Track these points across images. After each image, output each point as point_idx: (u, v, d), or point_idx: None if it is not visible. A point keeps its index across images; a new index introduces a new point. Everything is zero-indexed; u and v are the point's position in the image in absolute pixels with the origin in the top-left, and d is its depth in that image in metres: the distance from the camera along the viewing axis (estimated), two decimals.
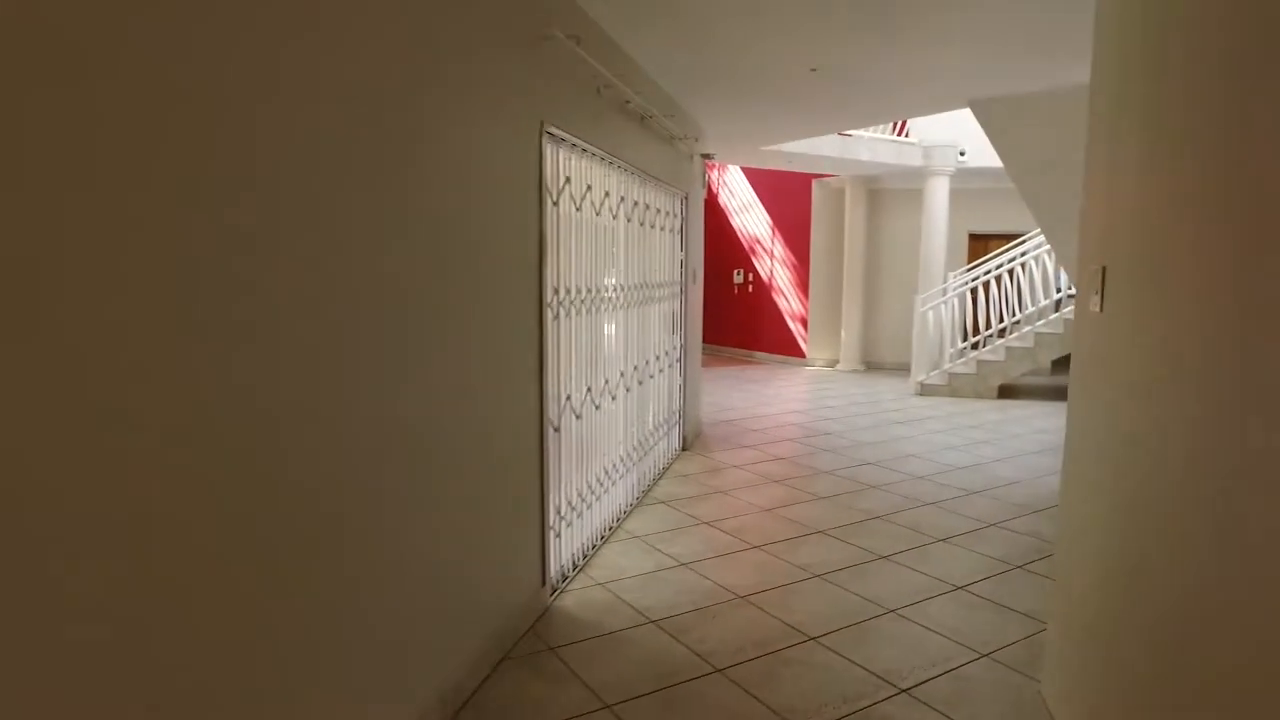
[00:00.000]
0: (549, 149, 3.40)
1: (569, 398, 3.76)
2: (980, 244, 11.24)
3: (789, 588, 3.76)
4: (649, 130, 5.01)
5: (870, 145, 9.52)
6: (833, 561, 4.07)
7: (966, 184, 10.43)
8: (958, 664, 3.04)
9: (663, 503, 5.06)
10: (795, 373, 11.45)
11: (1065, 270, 8.23)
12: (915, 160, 9.87)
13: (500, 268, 2.92)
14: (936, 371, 9.29)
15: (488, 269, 2.80)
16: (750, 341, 13.15)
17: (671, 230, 5.96)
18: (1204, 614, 1.56)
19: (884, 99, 6.19)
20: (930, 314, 9.20)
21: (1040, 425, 7.66)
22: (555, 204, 3.51)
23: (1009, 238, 10.95)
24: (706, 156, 6.66)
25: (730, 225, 13.43)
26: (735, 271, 13.32)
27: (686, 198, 6.30)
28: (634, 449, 5.00)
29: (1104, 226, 2.24)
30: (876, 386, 9.99)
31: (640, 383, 5.11)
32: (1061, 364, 10.08)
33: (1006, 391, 9.21)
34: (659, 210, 5.50)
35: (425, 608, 2.45)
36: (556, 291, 3.55)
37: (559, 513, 3.70)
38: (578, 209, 3.81)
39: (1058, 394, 9.45)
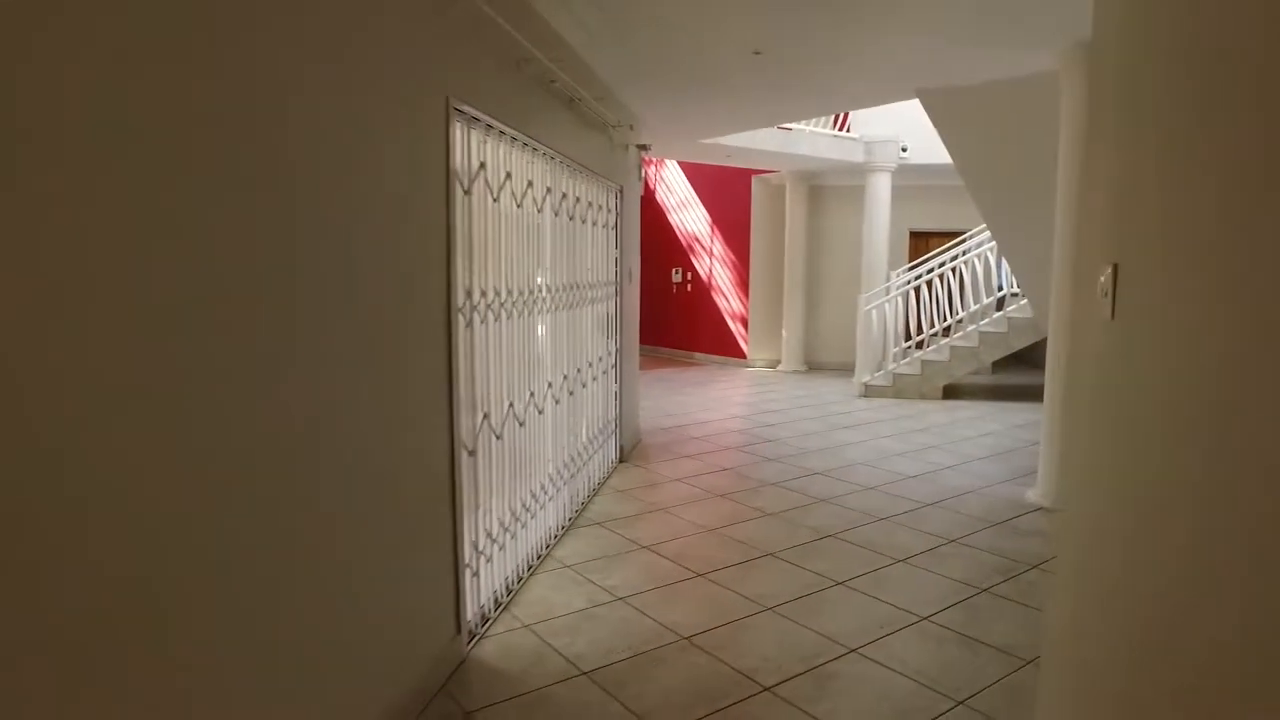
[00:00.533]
0: (458, 129, 2.93)
1: (487, 415, 3.29)
2: (921, 242, 11.07)
3: (739, 624, 3.35)
4: (578, 115, 4.56)
5: (811, 139, 9.22)
6: (784, 590, 3.69)
7: (908, 180, 10.24)
8: (932, 716, 2.67)
9: (598, 524, 4.62)
10: (736, 374, 11.13)
11: (1009, 266, 8.06)
12: (857, 155, 9.62)
13: (393, 266, 2.44)
14: (881, 372, 9.05)
15: (376, 268, 2.32)
16: (690, 342, 12.80)
17: (605, 226, 5.52)
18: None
19: (830, 87, 5.86)
20: (874, 313, 8.95)
21: (987, 428, 7.45)
22: (467, 193, 3.04)
23: (950, 235, 10.80)
24: (642, 148, 6.24)
25: (668, 222, 13.05)
26: (674, 270, 12.95)
27: (621, 191, 5.87)
28: (565, 465, 4.54)
29: (1115, 216, 1.87)
30: (819, 388, 9.72)
31: (571, 393, 4.66)
32: (1002, 363, 9.97)
33: (951, 392, 9.02)
34: (591, 204, 5.06)
35: (300, 682, 1.96)
36: (470, 294, 3.08)
37: (477, 548, 3.23)
38: (495, 200, 3.34)
39: (1001, 393, 9.32)
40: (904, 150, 9.64)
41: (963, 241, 9.31)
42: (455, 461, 2.93)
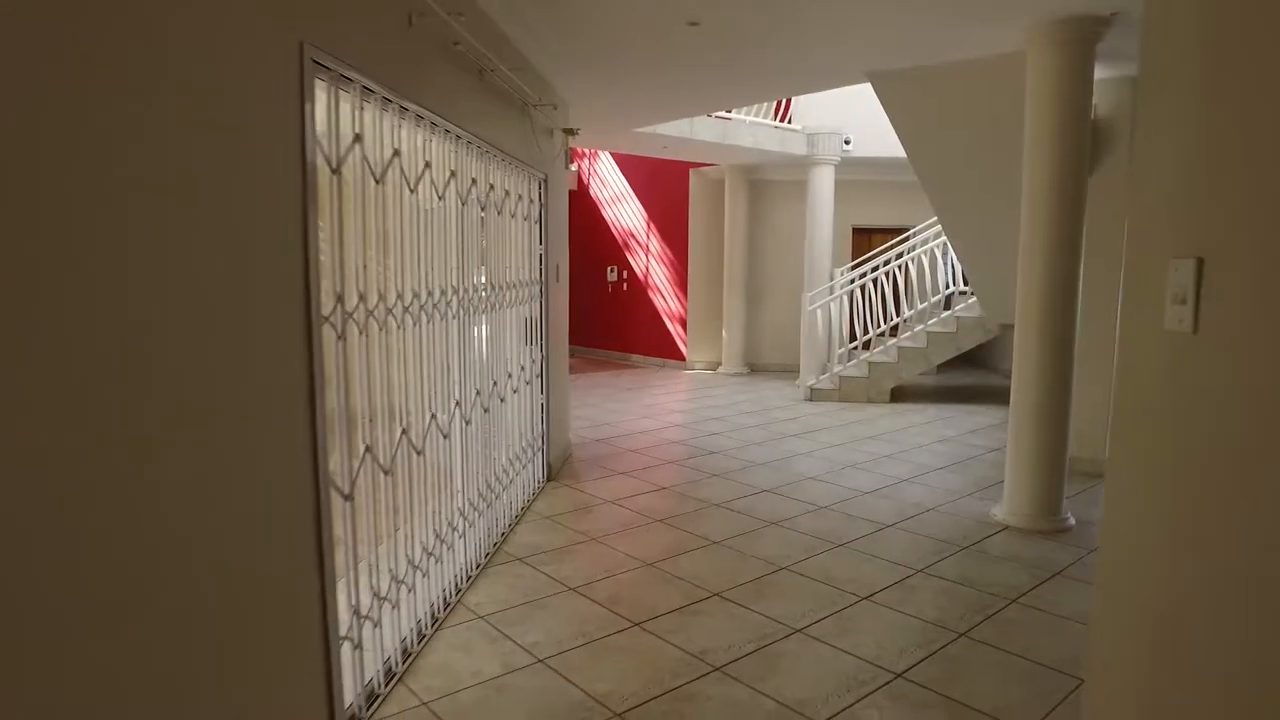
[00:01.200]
0: (321, 89, 2.31)
1: (370, 448, 2.67)
2: (864, 239, 10.72)
3: (681, 693, 2.80)
4: (491, 89, 3.95)
5: (752, 130, 8.75)
6: (734, 642, 3.15)
7: (851, 175, 9.85)
8: None
9: (519, 559, 4.02)
10: (675, 377, 10.61)
11: (961, 262, 7.69)
12: (799, 148, 9.18)
13: (217, 264, 1.80)
14: (826, 375, 8.62)
15: (188, 264, 1.68)
16: (626, 344, 12.24)
17: (527, 219, 4.92)
18: None
19: (773, 67, 5.36)
20: (819, 313, 8.52)
21: (940, 433, 7.06)
22: (336, 173, 2.41)
23: (894, 232, 10.47)
24: (569, 133, 5.64)
25: (603, 218, 12.47)
26: (609, 268, 12.38)
27: (546, 180, 5.27)
28: (481, 494, 3.94)
29: (1198, 195, 1.36)
30: (763, 391, 9.25)
31: (487, 410, 4.05)
32: (948, 363, 9.67)
33: (898, 394, 8.64)
34: (509, 193, 4.45)
35: None
36: (343, 299, 2.46)
37: (359, 613, 2.60)
38: (378, 182, 2.71)
39: (950, 395, 9.00)
40: (847, 143, 9.25)
41: (907, 238, 8.96)
42: (323, 509, 2.31)
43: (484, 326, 4.10)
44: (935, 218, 9.54)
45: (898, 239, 9.65)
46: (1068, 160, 4.26)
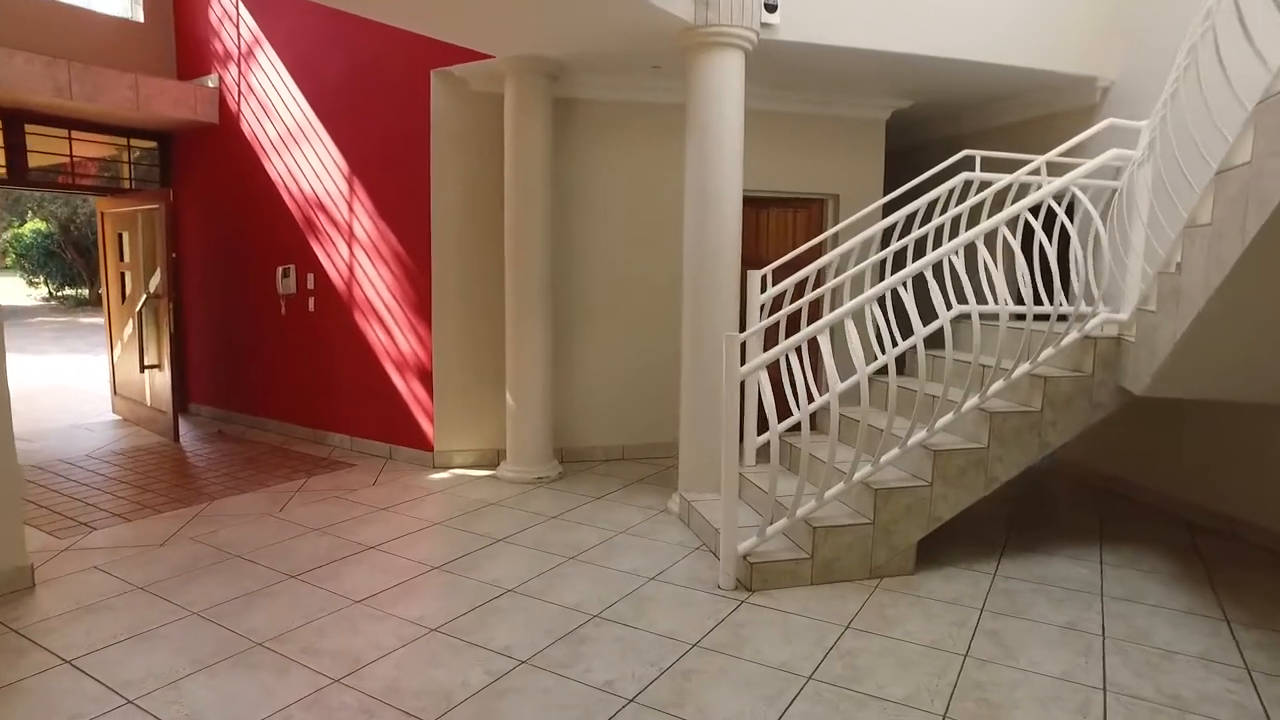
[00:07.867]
0: None
1: None
2: (751, 213, 5.97)
3: None
4: None
5: None
6: None
7: (751, 97, 4.99)
8: None
9: None
10: (407, 500, 5.19)
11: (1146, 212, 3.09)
12: (681, 6, 4.19)
13: None
14: (778, 523, 3.69)
15: None
16: (318, 413, 6.59)
17: None
18: None
19: None
20: (764, 378, 3.54)
21: None
22: None
23: (800, 204, 5.90)
24: None
25: (267, 176, 6.73)
26: (280, 270, 6.66)
27: None
28: None
29: None
30: (613, 553, 4.12)
31: None
32: None
33: (927, 552, 3.90)
34: None
35: None
36: None
37: None
38: None
39: (1018, 538, 4.32)
40: (771, 9, 4.42)
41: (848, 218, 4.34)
42: None
43: None
44: (916, 180, 4.73)
45: (865, 212, 5.04)
46: None
